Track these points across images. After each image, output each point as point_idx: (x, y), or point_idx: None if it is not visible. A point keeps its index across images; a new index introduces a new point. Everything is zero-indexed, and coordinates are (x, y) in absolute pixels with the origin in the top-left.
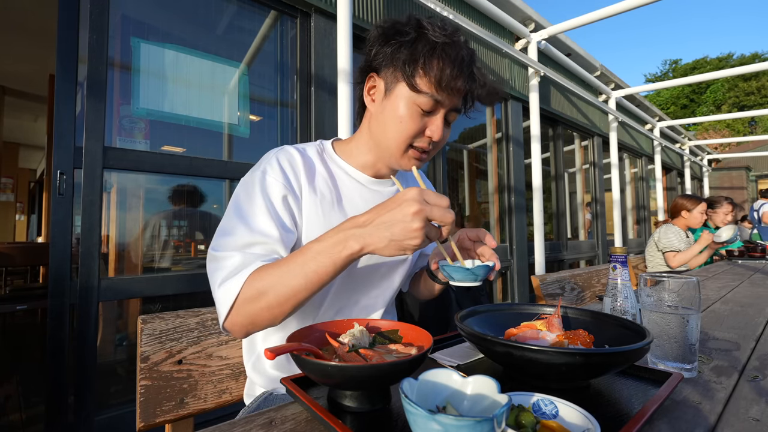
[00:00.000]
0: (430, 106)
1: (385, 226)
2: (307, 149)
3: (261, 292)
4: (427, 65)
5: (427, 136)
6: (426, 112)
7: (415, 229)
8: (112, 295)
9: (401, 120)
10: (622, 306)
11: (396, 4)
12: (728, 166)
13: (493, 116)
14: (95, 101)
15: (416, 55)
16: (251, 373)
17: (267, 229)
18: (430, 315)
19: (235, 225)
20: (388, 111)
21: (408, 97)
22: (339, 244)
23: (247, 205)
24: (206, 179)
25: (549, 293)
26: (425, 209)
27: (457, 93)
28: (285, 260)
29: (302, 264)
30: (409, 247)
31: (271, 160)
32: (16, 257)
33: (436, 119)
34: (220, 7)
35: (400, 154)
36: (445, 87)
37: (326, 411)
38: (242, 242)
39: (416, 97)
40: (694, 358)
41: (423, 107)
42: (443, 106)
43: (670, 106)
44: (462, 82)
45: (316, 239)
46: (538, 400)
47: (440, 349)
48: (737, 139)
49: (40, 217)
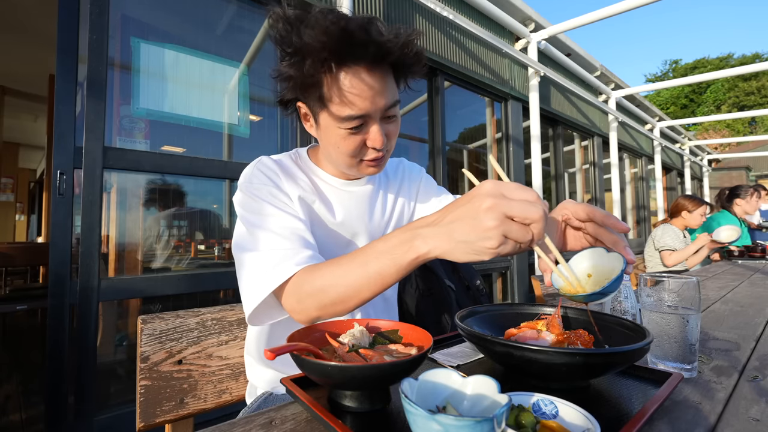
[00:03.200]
0: (356, 124)
1: (455, 226)
2: (283, 159)
3: (320, 290)
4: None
5: (371, 147)
6: (356, 129)
7: (488, 228)
8: (112, 295)
9: (337, 146)
10: (622, 306)
11: (396, 4)
12: (728, 166)
13: (493, 116)
14: (95, 101)
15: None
16: (251, 373)
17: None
18: (430, 315)
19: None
20: (324, 140)
21: (332, 125)
22: (405, 244)
23: (260, 216)
24: (206, 179)
25: (549, 293)
26: (501, 204)
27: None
28: (346, 258)
29: (364, 263)
30: (484, 251)
31: (255, 172)
32: (16, 257)
33: (372, 131)
34: (220, 7)
35: (353, 170)
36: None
37: (326, 411)
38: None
39: (338, 121)
40: (694, 358)
41: (350, 128)
42: (371, 117)
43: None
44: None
45: (382, 237)
46: (538, 400)
47: (440, 349)
48: (737, 139)
49: (40, 217)
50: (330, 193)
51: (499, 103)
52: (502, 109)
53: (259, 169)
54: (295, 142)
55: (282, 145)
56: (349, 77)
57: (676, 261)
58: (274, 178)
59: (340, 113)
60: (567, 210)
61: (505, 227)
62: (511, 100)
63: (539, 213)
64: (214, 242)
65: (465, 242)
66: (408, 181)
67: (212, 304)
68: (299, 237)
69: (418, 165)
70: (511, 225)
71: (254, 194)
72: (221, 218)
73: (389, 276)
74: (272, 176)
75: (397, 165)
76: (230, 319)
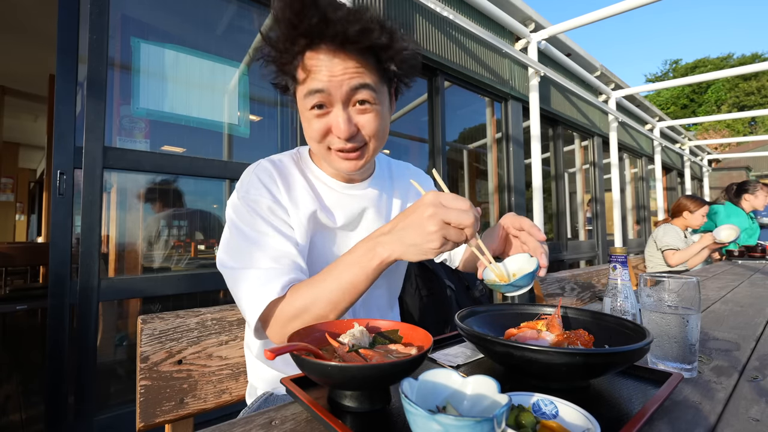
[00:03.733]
0: (317, 100)
1: (405, 232)
2: (284, 160)
3: (302, 310)
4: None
5: (336, 135)
6: (318, 107)
7: (430, 233)
8: (112, 295)
9: (306, 128)
10: (622, 306)
11: (396, 4)
12: (728, 166)
13: (493, 116)
14: (95, 101)
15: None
16: (252, 374)
17: (284, 248)
18: (430, 315)
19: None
20: (301, 122)
21: (301, 102)
22: (369, 252)
23: (254, 232)
24: (206, 179)
25: (549, 293)
26: (440, 212)
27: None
28: (320, 276)
29: (337, 277)
30: (429, 251)
31: (253, 180)
32: (16, 257)
33: (333, 114)
34: (220, 7)
35: (328, 158)
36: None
37: (326, 411)
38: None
39: (303, 99)
40: (694, 358)
41: (312, 105)
42: (332, 95)
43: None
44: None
45: (348, 251)
46: (538, 400)
47: (440, 349)
48: (737, 139)
49: (40, 217)
50: (331, 197)
51: (499, 103)
52: (502, 109)
53: (258, 176)
54: (295, 142)
55: (282, 145)
56: (312, 53)
57: (680, 261)
58: (272, 187)
59: (303, 89)
60: (506, 221)
61: (444, 231)
62: (511, 100)
63: (471, 219)
64: (214, 242)
65: (414, 245)
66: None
67: (212, 304)
68: (291, 262)
69: (424, 173)
70: (449, 229)
71: (251, 206)
72: (221, 218)
73: (360, 283)
74: (270, 186)
75: (404, 170)
76: (230, 319)
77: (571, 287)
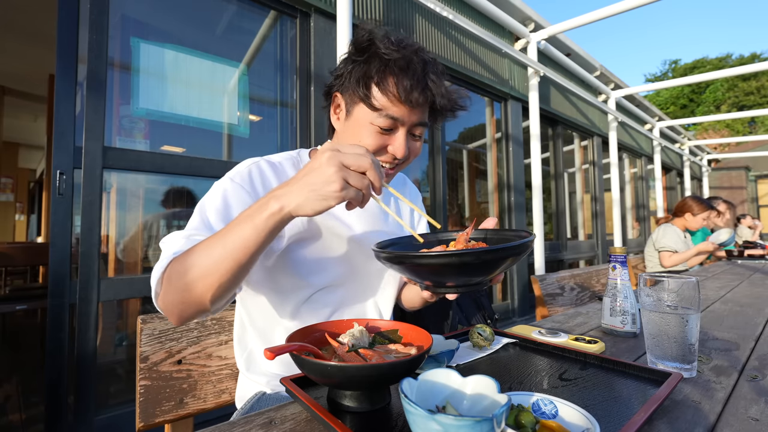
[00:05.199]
0: (388, 124)
1: (303, 180)
2: (284, 162)
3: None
4: (379, 82)
5: (390, 153)
6: (385, 130)
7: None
8: (112, 295)
9: (361, 140)
10: (622, 306)
11: (396, 4)
12: (728, 166)
13: (492, 116)
14: (95, 101)
15: (369, 72)
16: (244, 372)
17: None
18: (429, 315)
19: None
20: (349, 131)
21: (365, 118)
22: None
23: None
24: (206, 179)
25: (549, 293)
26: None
27: (414, 105)
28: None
29: (223, 234)
30: (331, 195)
31: (243, 172)
32: (16, 257)
33: (397, 137)
34: (220, 7)
35: None
36: (402, 101)
37: (326, 411)
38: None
39: (373, 117)
40: (693, 357)
41: (382, 126)
42: (402, 124)
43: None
44: (417, 94)
45: None
46: (537, 400)
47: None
48: (737, 139)
49: (40, 217)
50: None
51: (498, 103)
52: (502, 108)
53: (250, 173)
54: (295, 142)
55: (282, 146)
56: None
57: (675, 263)
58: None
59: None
60: None
61: (343, 173)
62: (510, 99)
63: (368, 161)
64: None
65: (313, 190)
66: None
67: None
68: None
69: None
70: (348, 172)
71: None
72: None
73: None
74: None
75: (404, 181)
76: (230, 319)
77: (571, 287)
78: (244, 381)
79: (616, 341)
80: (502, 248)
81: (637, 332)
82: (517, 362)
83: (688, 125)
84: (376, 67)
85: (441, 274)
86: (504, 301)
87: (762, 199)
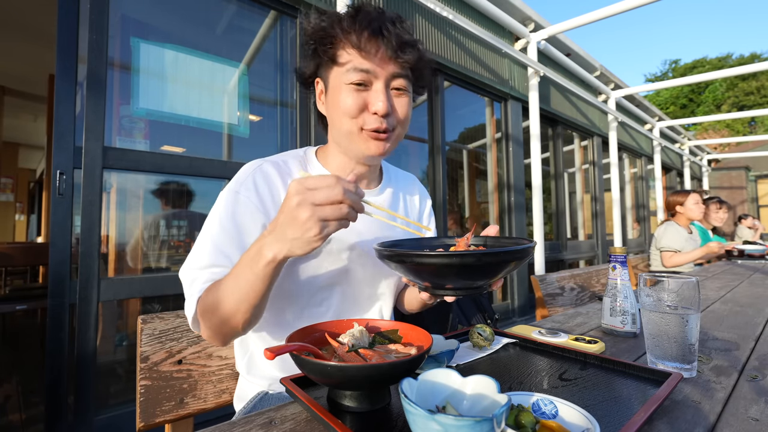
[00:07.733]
0: (360, 77)
1: (282, 229)
2: (289, 162)
3: (211, 311)
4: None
5: (373, 112)
6: (360, 85)
7: (304, 221)
8: (112, 295)
9: (340, 102)
10: (622, 306)
11: (396, 4)
12: (728, 166)
13: (492, 116)
14: (95, 101)
15: (330, 32)
16: (245, 374)
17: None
18: (430, 315)
19: (204, 244)
20: (331, 102)
21: (339, 80)
22: (256, 255)
23: (217, 226)
24: (206, 179)
25: (549, 293)
26: (306, 197)
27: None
28: (227, 276)
29: (235, 277)
30: (313, 239)
31: (247, 181)
32: (16, 257)
33: (374, 90)
34: (219, 7)
35: (356, 140)
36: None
37: (326, 411)
38: (205, 263)
39: (345, 75)
40: (693, 357)
41: (354, 81)
42: (376, 76)
43: (670, 105)
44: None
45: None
46: (537, 400)
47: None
48: (737, 139)
49: (40, 217)
50: None
51: (498, 103)
52: (502, 109)
53: (255, 182)
54: (295, 142)
55: (282, 146)
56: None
57: (677, 263)
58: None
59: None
60: None
61: (318, 213)
62: (510, 100)
63: (339, 190)
64: None
65: (295, 239)
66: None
67: None
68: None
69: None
70: (323, 209)
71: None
72: None
73: (256, 284)
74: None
75: (413, 182)
76: None
77: (571, 287)
78: (244, 383)
79: (616, 341)
80: (504, 251)
81: (637, 332)
82: (517, 362)
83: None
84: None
85: (441, 275)
86: (504, 301)
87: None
